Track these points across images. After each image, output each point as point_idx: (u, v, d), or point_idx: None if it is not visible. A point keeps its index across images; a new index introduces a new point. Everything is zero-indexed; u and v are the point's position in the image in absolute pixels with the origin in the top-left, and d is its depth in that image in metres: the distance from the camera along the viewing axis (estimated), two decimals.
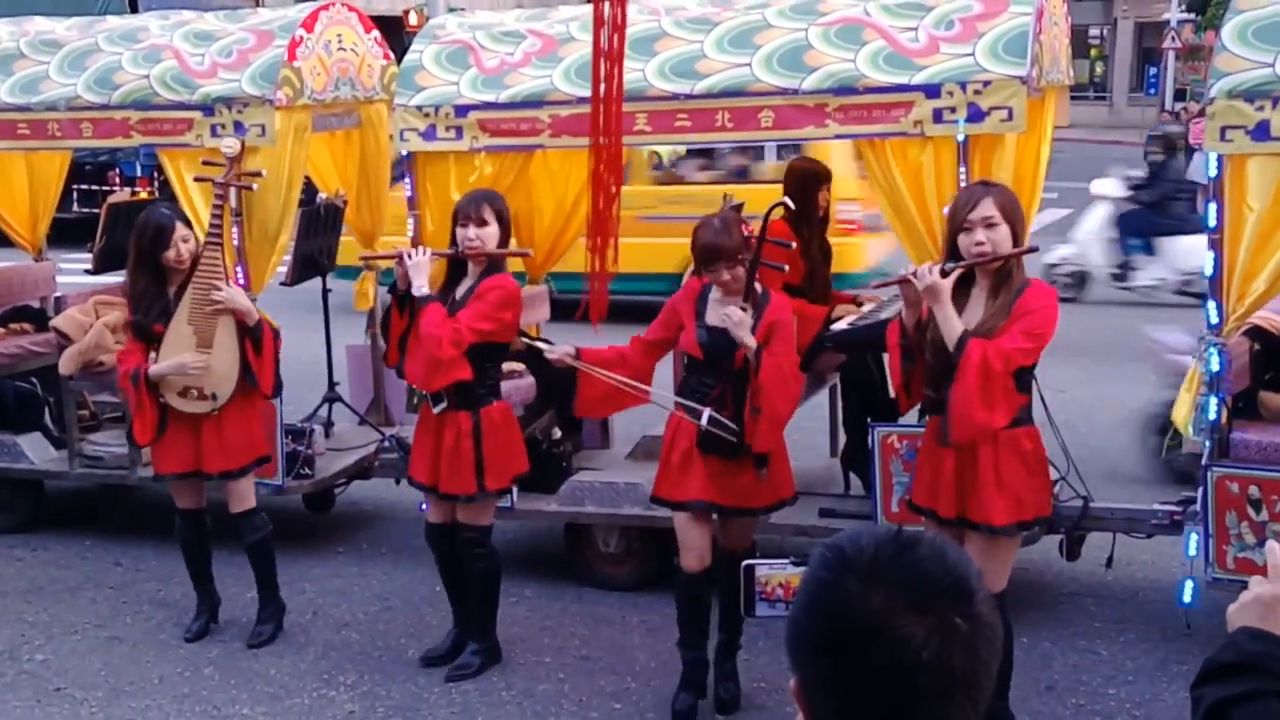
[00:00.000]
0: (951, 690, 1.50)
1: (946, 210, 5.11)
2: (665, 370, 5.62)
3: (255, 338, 5.93)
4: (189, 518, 6.21)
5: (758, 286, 5.12)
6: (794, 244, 5.59)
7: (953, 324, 4.62)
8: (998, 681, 4.82)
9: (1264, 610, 1.98)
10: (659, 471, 5.37)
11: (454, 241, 5.59)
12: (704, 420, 5.05)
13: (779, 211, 5.30)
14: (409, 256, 5.53)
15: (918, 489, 5.06)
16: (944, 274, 4.67)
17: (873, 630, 1.50)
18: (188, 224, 6.05)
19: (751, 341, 4.98)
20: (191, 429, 5.98)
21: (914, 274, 4.69)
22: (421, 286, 5.47)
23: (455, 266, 5.65)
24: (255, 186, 6.43)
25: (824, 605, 1.55)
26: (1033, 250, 4.83)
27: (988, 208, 4.65)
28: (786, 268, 5.56)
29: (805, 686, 1.57)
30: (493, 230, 5.54)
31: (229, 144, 6.29)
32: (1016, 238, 4.70)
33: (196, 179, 6.55)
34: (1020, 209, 4.83)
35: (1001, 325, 4.63)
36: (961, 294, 4.74)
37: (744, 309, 5.01)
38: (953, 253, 4.75)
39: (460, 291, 5.57)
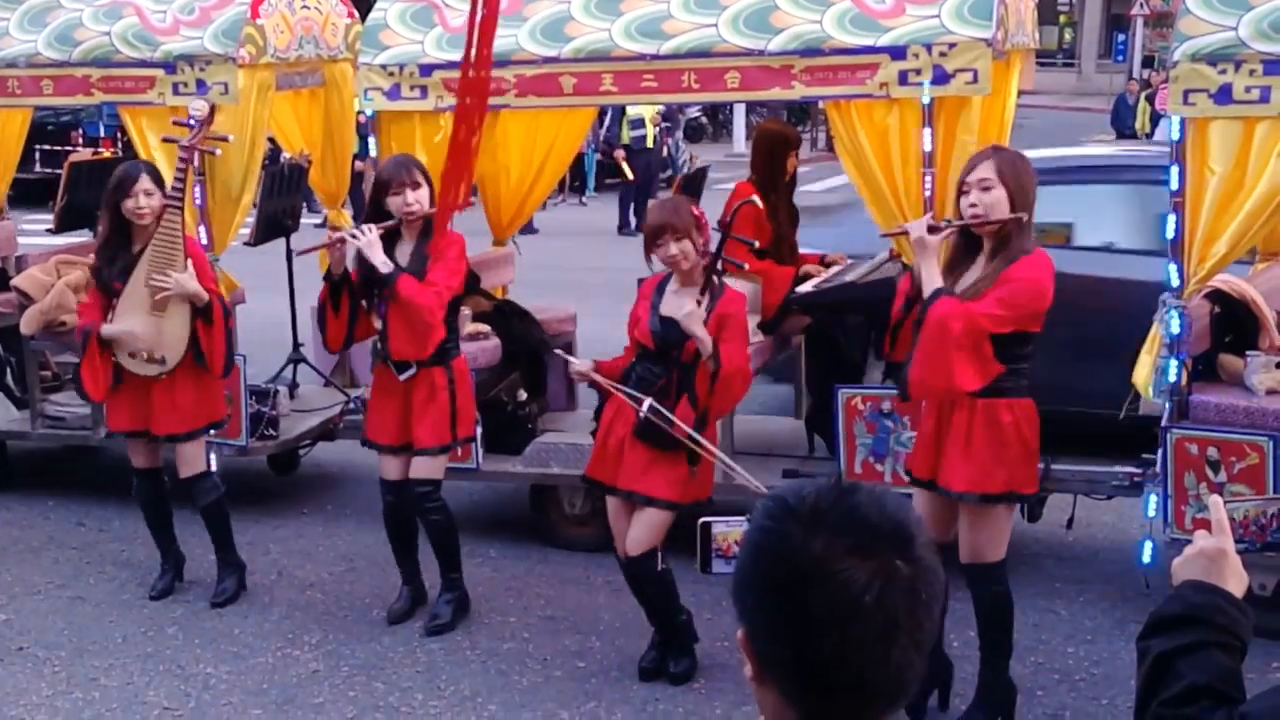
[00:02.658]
0: (895, 633, 1.52)
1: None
2: None
3: (206, 317, 5.85)
4: (145, 476, 6.19)
5: (715, 280, 5.09)
6: (756, 243, 5.64)
7: (931, 279, 4.64)
8: (991, 652, 4.82)
9: (1208, 563, 2.01)
10: (594, 453, 5.35)
11: (381, 212, 5.56)
12: (644, 409, 5.00)
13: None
14: (357, 237, 5.49)
15: (910, 453, 5.14)
16: (932, 231, 4.68)
17: (815, 575, 1.52)
18: (160, 181, 5.89)
19: (705, 335, 4.93)
20: (143, 389, 5.95)
21: (910, 227, 4.73)
22: (385, 263, 5.46)
23: (387, 237, 5.62)
24: (219, 152, 6.34)
25: (767, 552, 1.57)
26: (1016, 219, 4.65)
27: (985, 170, 4.62)
28: (747, 266, 5.57)
29: (752, 635, 1.59)
30: (425, 191, 5.58)
31: (198, 106, 6.18)
32: (1016, 203, 4.60)
33: (165, 139, 6.46)
34: (1026, 175, 4.66)
35: (986, 290, 4.60)
36: (967, 258, 4.73)
37: (699, 301, 4.98)
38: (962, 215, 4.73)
39: (404, 259, 5.56)
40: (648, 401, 5.00)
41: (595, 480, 5.33)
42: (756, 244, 5.62)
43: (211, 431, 6.28)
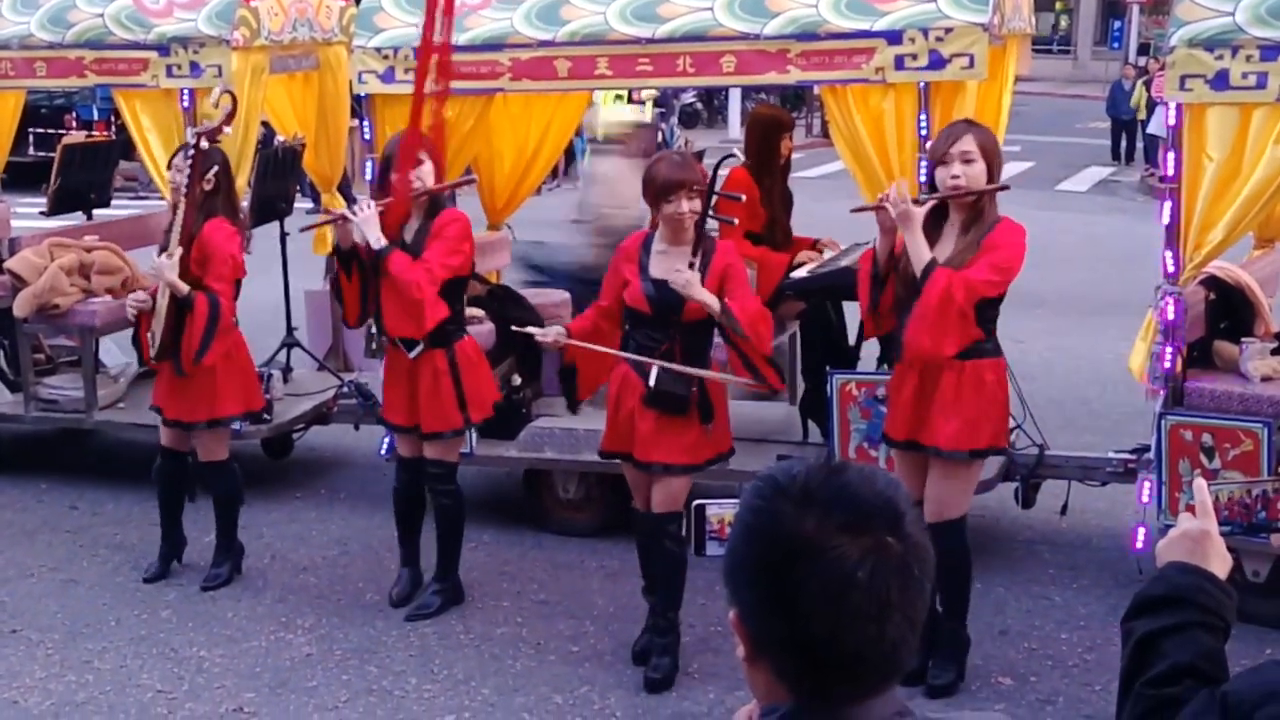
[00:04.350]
0: (888, 611, 1.51)
1: (929, 146, 5.18)
2: None
3: (185, 309, 5.76)
4: (168, 457, 6.18)
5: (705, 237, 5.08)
6: (744, 197, 5.55)
7: (921, 251, 4.73)
8: (954, 606, 4.91)
9: (1192, 545, 2.02)
10: (607, 427, 5.32)
11: (388, 189, 5.55)
12: (653, 377, 4.99)
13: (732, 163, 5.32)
14: (355, 213, 5.48)
15: (886, 418, 5.23)
16: (918, 203, 4.75)
17: (807, 552, 1.51)
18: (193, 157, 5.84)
19: (711, 299, 4.91)
20: (167, 370, 5.95)
21: (889, 200, 4.78)
22: (378, 239, 5.43)
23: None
24: (217, 141, 6.27)
25: (759, 531, 1.56)
26: (1004, 188, 4.90)
27: (967, 143, 4.75)
28: (736, 221, 5.53)
29: (744, 616, 1.59)
30: (429, 168, 5.54)
31: (216, 95, 6.06)
32: (992, 177, 4.79)
33: (196, 132, 6.34)
34: (999, 151, 4.90)
35: (970, 259, 4.73)
36: (935, 228, 4.82)
37: (691, 263, 4.95)
38: (932, 188, 4.85)
39: (409, 235, 5.54)
40: (655, 368, 4.98)
41: (613, 452, 5.30)
42: (744, 197, 5.55)
43: (238, 424, 6.34)
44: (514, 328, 5.61)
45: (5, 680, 5.36)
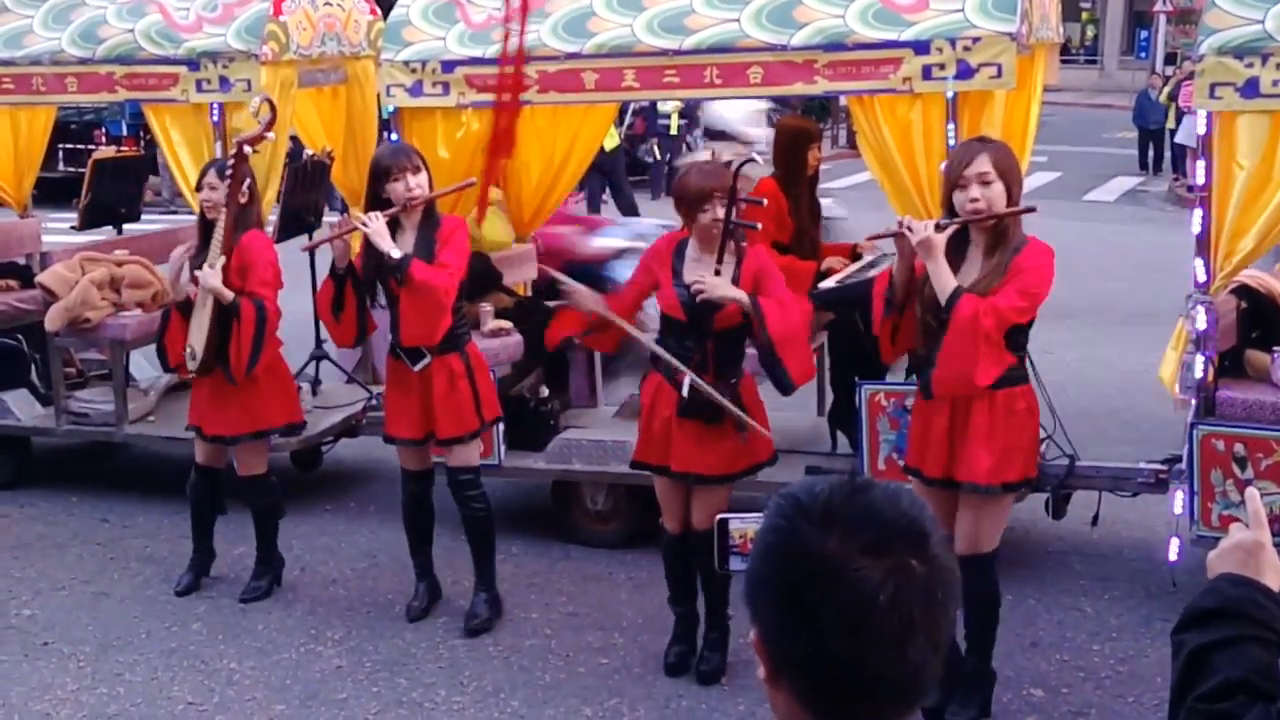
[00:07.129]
0: (911, 632, 1.48)
1: (943, 167, 5.09)
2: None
3: (232, 318, 5.80)
4: (202, 473, 6.21)
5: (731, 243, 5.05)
6: (765, 201, 5.52)
7: (945, 279, 4.59)
8: (980, 642, 4.74)
9: (1244, 556, 1.98)
10: (640, 437, 5.30)
11: (380, 201, 5.53)
12: (685, 387, 4.97)
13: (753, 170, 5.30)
14: (365, 225, 5.44)
15: (909, 449, 5.05)
16: (938, 229, 4.61)
17: (829, 573, 1.49)
18: (223, 175, 5.85)
19: (738, 294, 4.90)
20: (204, 385, 5.99)
21: (909, 227, 4.65)
22: (394, 249, 5.43)
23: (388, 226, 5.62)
24: (257, 150, 6.30)
25: (780, 551, 1.54)
26: (1030, 210, 4.73)
27: (983, 164, 4.59)
28: (760, 225, 5.51)
29: (765, 637, 1.57)
30: (424, 176, 5.55)
31: (256, 105, 6.11)
32: (1012, 196, 4.64)
33: (239, 141, 6.37)
34: (1017, 167, 4.77)
35: (998, 284, 4.59)
36: (958, 252, 4.69)
37: (717, 271, 4.94)
38: (949, 209, 4.70)
39: (407, 247, 5.52)
40: (688, 379, 4.96)
41: (645, 464, 5.28)
42: (765, 201, 5.53)
43: (273, 438, 6.34)
44: (555, 274, 5.62)
45: (37, 693, 5.39)
